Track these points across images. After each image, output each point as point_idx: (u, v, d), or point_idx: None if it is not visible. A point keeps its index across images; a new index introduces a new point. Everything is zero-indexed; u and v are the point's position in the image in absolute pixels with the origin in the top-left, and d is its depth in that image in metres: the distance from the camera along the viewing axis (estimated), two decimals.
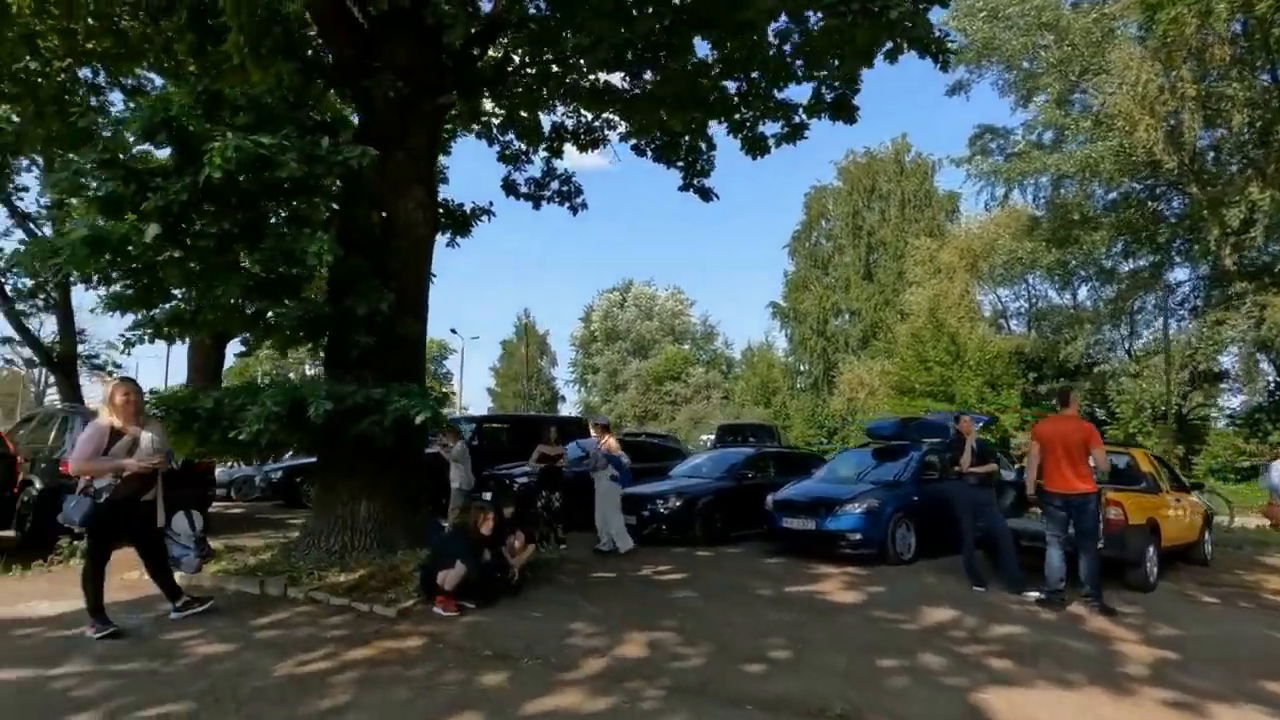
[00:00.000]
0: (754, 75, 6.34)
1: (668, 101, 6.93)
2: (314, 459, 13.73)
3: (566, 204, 11.07)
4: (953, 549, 8.56)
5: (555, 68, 6.47)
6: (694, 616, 5.51)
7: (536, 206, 11.01)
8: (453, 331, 43.78)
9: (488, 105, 9.37)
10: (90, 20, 7.69)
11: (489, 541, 5.58)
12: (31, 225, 19.05)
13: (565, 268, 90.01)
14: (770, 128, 7.17)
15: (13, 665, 4.07)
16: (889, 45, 5.90)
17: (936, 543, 8.59)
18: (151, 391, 5.61)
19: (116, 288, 5.58)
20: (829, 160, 50.23)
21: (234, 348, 15.63)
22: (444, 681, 3.98)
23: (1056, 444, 6.33)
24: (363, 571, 5.75)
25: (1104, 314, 26.62)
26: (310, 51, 6.74)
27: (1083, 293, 29.98)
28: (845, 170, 41.95)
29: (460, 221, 8.43)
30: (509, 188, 10.81)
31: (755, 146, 7.18)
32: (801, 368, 44.06)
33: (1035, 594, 6.39)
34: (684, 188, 11.00)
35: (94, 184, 5.00)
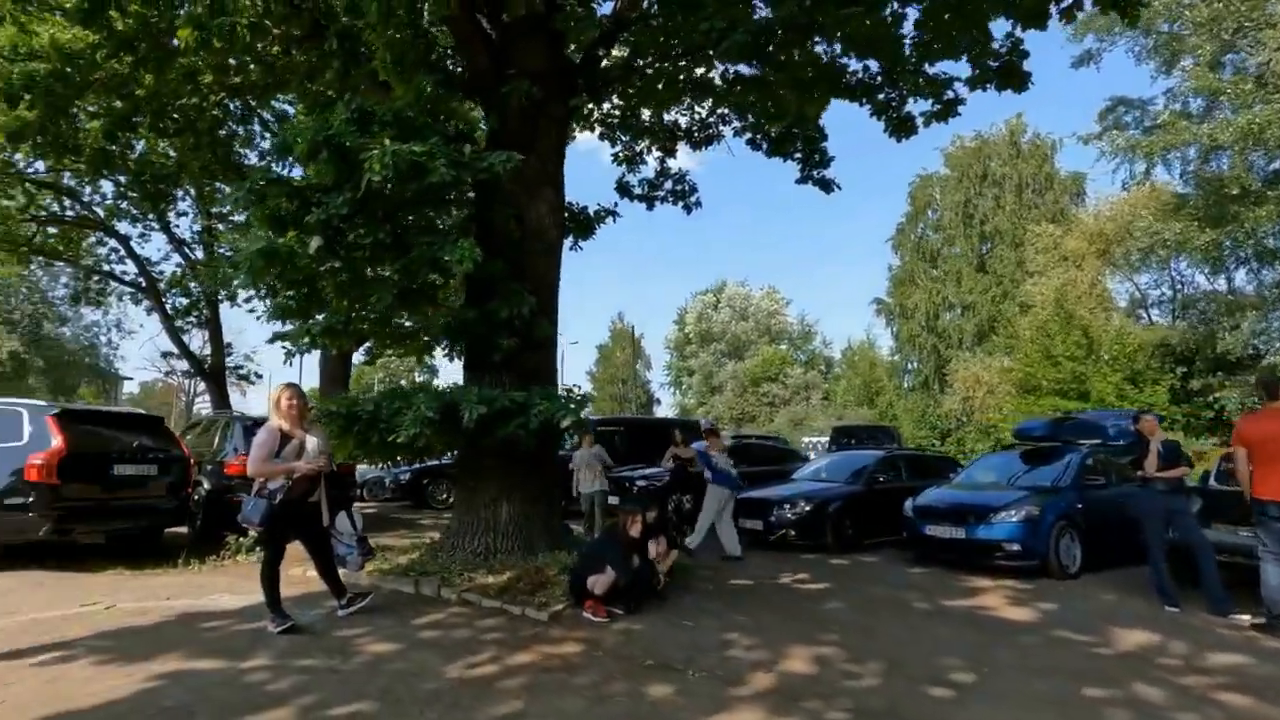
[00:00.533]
0: (903, 51, 5.90)
1: (803, 86, 6.62)
2: (438, 462, 14.33)
3: (681, 203, 10.91)
4: (1120, 562, 7.72)
5: (683, 61, 6.31)
6: (853, 631, 5.15)
7: (650, 207, 10.92)
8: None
9: (606, 106, 9.36)
10: (245, 53, 8.26)
11: (637, 546, 5.47)
12: (185, 250, 21.05)
13: (658, 270, 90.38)
14: (918, 106, 6.67)
15: (208, 656, 4.31)
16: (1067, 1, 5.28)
17: (1102, 555, 7.77)
18: (315, 397, 5.88)
19: (279, 299, 5.88)
20: (933, 148, 47.83)
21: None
22: (612, 693, 3.85)
23: (1268, 444, 5.49)
24: (510, 574, 5.78)
25: (1271, 298, 23.64)
26: (447, 64, 6.91)
27: (1240, 276, 26.77)
28: (953, 157, 39.61)
29: (584, 224, 8.44)
30: (623, 189, 10.77)
31: (901, 128, 6.72)
32: (909, 366, 42.00)
33: (1248, 618, 5.58)
34: (802, 180, 10.60)
35: (265, 200, 5.28)
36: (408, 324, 6.55)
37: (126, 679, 3.91)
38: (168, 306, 20.62)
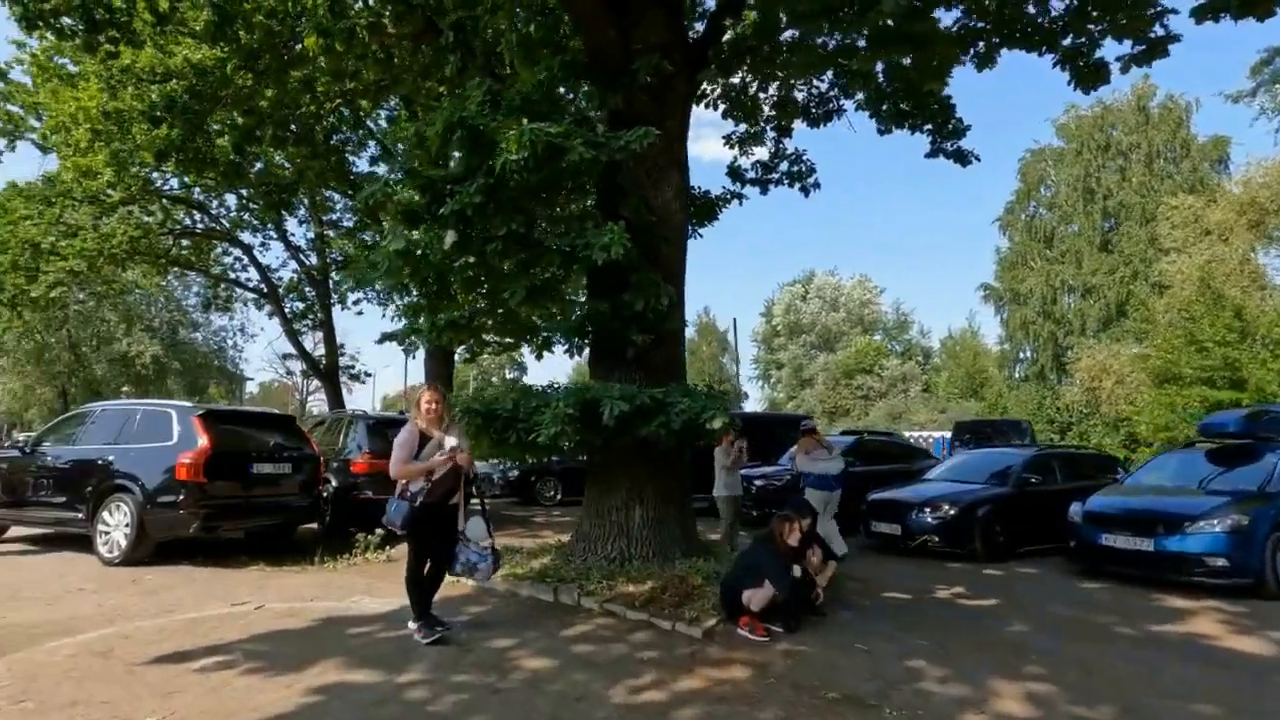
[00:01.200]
0: None
1: (964, 41, 5.88)
2: (546, 460, 14.28)
3: (797, 185, 10.24)
4: None
5: (825, 24, 5.72)
6: (1061, 663, 4.43)
7: (764, 191, 10.32)
8: None
9: (726, 80, 8.84)
10: (363, 55, 8.32)
11: (796, 556, 4.96)
12: (300, 256, 22.16)
13: (741, 261, 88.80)
14: (1113, 50, 5.70)
15: (362, 667, 4.14)
16: None
17: None
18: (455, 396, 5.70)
19: (412, 298, 5.73)
20: (1044, 119, 44.26)
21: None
22: None
23: None
24: (651, 583, 5.40)
25: None
26: (570, 44, 6.61)
27: None
28: (1067, 128, 36.49)
29: (705, 208, 7.98)
30: (735, 174, 10.20)
31: (1091, 78, 5.83)
32: (1021, 355, 39.13)
33: None
34: (932, 154, 9.74)
35: (398, 194, 5.11)
36: (535, 319, 6.29)
37: (286, 691, 3.77)
38: (286, 310, 21.81)
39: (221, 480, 7.33)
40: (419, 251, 4.84)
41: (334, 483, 9.32)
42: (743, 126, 10.05)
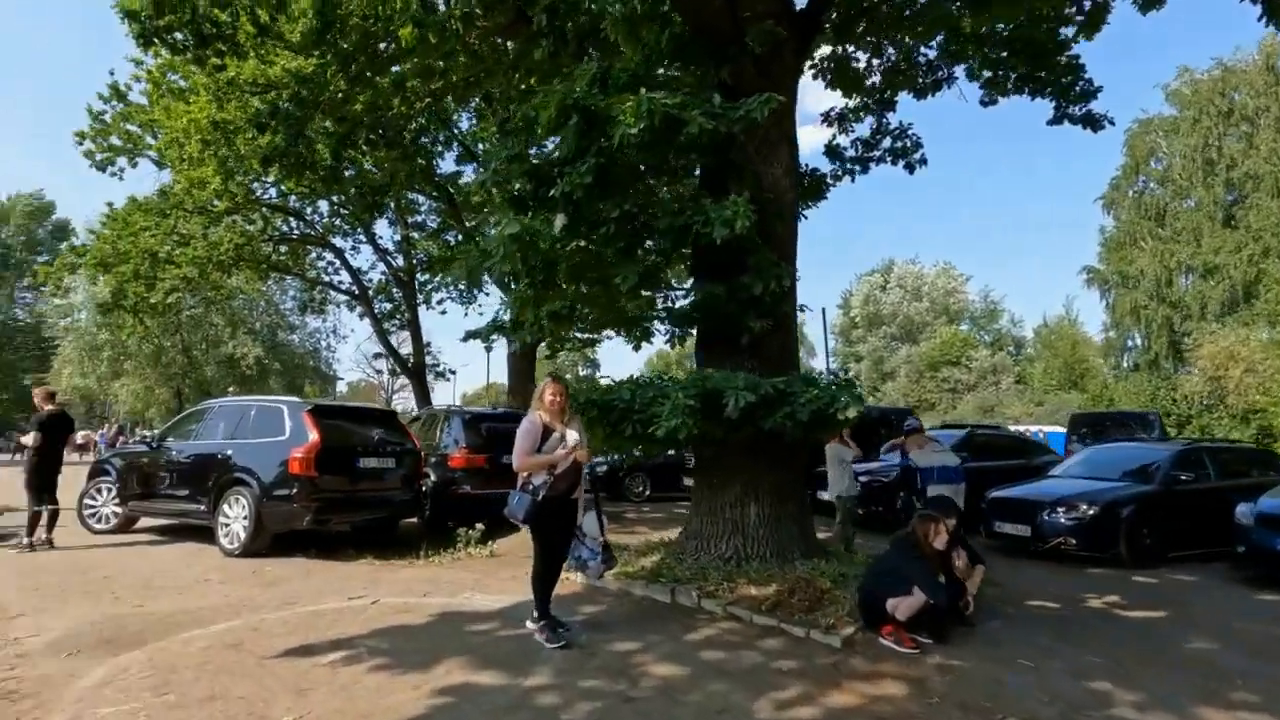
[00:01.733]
0: None
1: None
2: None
3: (901, 162, 9.61)
4: None
5: None
6: (1269, 688, 3.81)
7: (865, 170, 9.73)
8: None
9: (830, 50, 8.34)
10: (455, 46, 8.31)
11: (943, 560, 4.50)
12: (388, 259, 22.89)
13: (810, 252, 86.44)
14: None
15: (486, 668, 3.99)
16: None
17: None
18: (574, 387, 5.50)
19: (517, 289, 5.57)
20: (1153, 85, 40.88)
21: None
22: None
23: None
24: (776, 586, 5.04)
25: None
26: (674, 17, 6.31)
27: None
28: (1181, 94, 33.47)
29: (813, 187, 7.53)
30: (833, 153, 9.65)
31: None
32: (1130, 342, 36.30)
33: None
34: (1056, 120, 8.95)
35: (507, 182, 4.95)
36: (642, 306, 6.03)
37: (415, 692, 3.64)
38: (375, 311, 22.60)
39: (331, 474, 7.45)
40: (530, 237, 4.64)
41: (432, 477, 9.39)
42: (843, 102, 9.51)
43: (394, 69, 10.41)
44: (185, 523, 8.35)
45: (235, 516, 7.42)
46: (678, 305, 6.88)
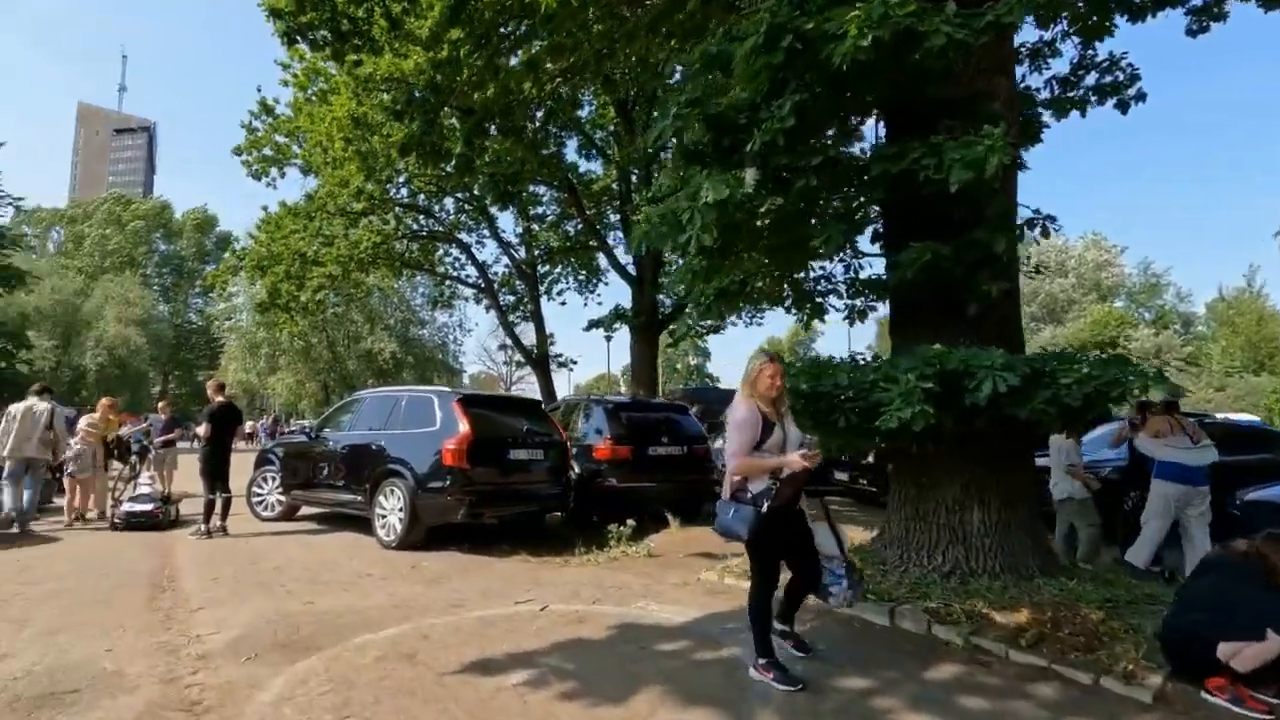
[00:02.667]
0: None
1: None
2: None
3: (1112, 100, 8.04)
4: None
5: None
6: None
7: (1062, 114, 8.23)
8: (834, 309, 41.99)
9: None
10: (596, 8, 7.80)
11: None
12: (511, 252, 23.20)
13: None
14: None
15: (693, 703, 3.33)
16: None
17: None
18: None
19: (691, 260, 4.87)
20: None
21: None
22: None
23: None
24: (1029, 612, 4.06)
25: None
26: None
27: None
28: None
29: (1026, 128, 6.31)
30: (1023, 98, 8.24)
31: None
32: None
33: None
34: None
35: (687, 132, 4.25)
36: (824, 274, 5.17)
37: None
38: (500, 303, 23.00)
39: (483, 466, 7.15)
40: (727, 196, 3.88)
41: (577, 469, 8.98)
42: (1037, 34, 8.07)
43: (528, 46, 10.14)
44: (342, 512, 8.40)
45: (391, 509, 7.29)
46: (858, 275, 5.96)
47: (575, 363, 25.79)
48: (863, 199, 4.47)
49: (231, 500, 8.14)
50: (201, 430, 8.13)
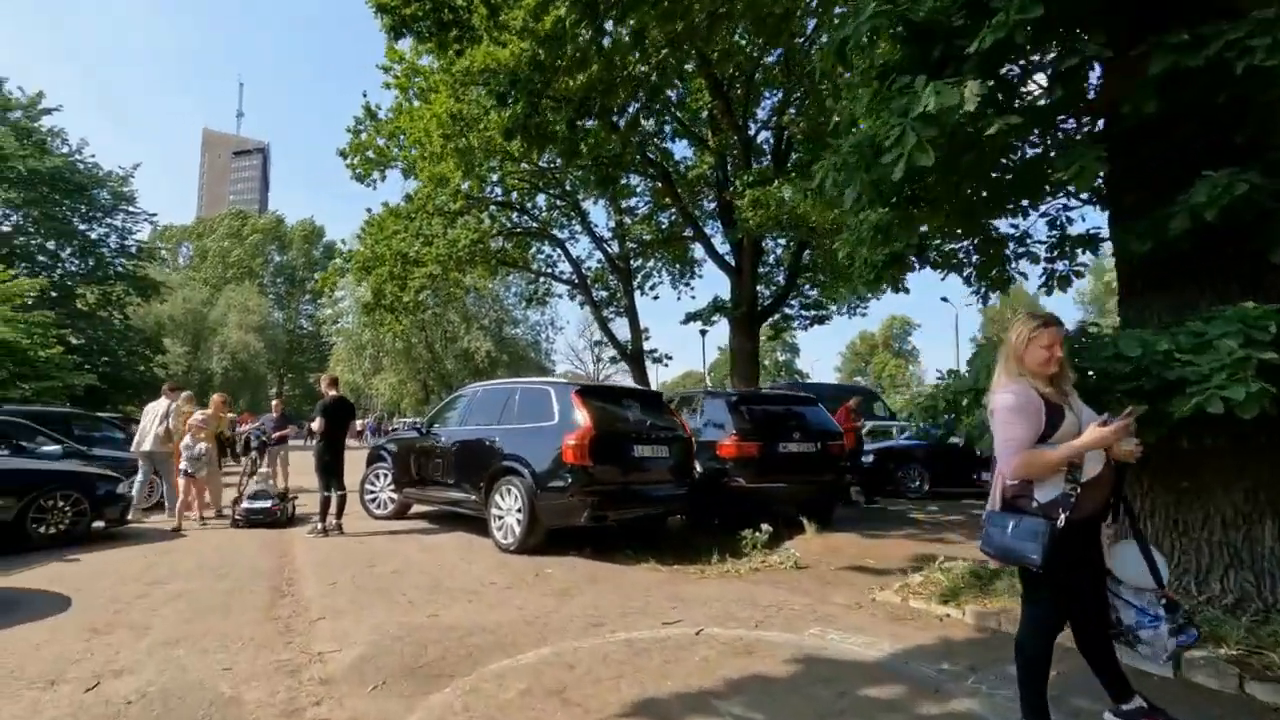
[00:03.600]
0: None
1: None
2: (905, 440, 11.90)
3: None
4: None
5: None
6: None
7: None
8: (943, 300, 39.24)
9: None
10: None
11: None
12: (604, 246, 22.77)
13: None
14: None
15: None
16: None
17: None
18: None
19: (877, 213, 3.96)
20: None
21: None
22: None
23: None
24: None
25: None
26: None
27: None
28: None
29: None
30: None
31: None
32: None
33: None
34: None
35: (880, 34, 3.35)
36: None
37: None
38: (594, 299, 22.63)
39: (606, 464, 6.49)
40: (954, 112, 2.95)
41: (699, 467, 8.20)
42: None
43: (637, 14, 9.51)
44: (455, 511, 7.99)
45: (508, 509, 6.76)
46: (1066, 230, 4.86)
47: (670, 358, 25.11)
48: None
49: (346, 497, 7.89)
50: (315, 425, 7.93)
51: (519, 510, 6.60)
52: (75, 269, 30.02)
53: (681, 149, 21.50)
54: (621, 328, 23.01)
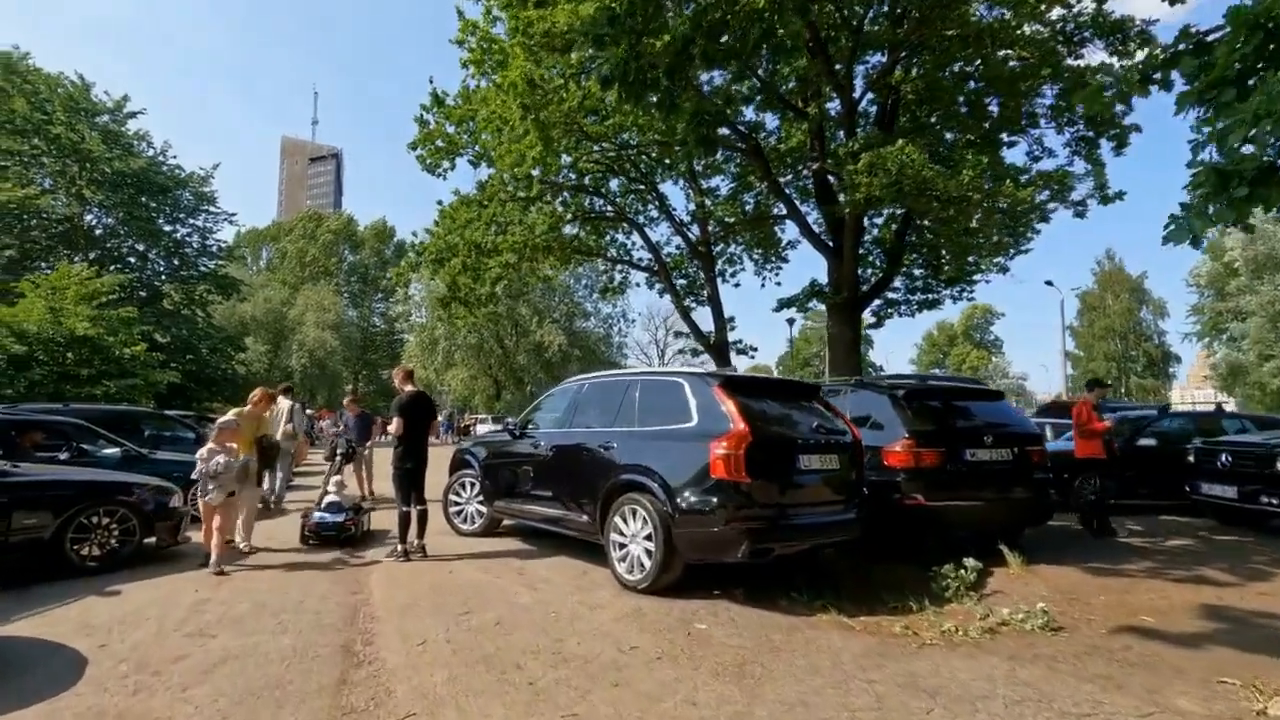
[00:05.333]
0: None
1: None
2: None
3: None
4: None
5: None
6: None
7: None
8: (1048, 284, 35.84)
9: None
10: None
11: None
12: (684, 231, 21.21)
13: (1147, 191, 68.39)
14: None
15: None
16: None
17: None
18: None
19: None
20: None
21: None
22: None
23: None
24: None
25: None
26: None
27: None
28: None
29: None
30: None
31: None
32: None
33: None
34: None
35: None
36: None
37: None
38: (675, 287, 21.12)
39: (767, 479, 4.89)
40: None
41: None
42: None
43: None
44: (558, 531, 6.55)
45: (632, 535, 5.25)
46: None
47: (755, 349, 23.28)
48: None
49: (427, 513, 6.58)
50: (393, 427, 6.61)
51: (648, 538, 5.09)
52: (161, 269, 30.60)
53: (769, 124, 19.73)
54: (701, 318, 21.47)
